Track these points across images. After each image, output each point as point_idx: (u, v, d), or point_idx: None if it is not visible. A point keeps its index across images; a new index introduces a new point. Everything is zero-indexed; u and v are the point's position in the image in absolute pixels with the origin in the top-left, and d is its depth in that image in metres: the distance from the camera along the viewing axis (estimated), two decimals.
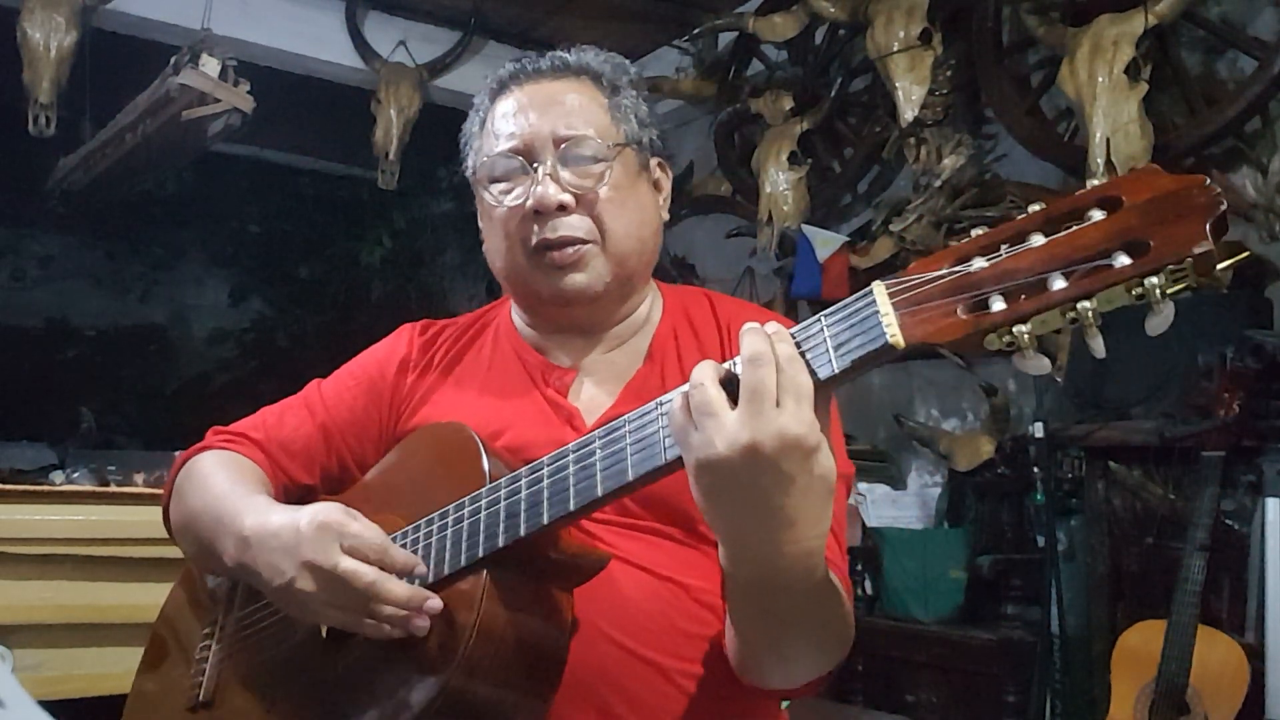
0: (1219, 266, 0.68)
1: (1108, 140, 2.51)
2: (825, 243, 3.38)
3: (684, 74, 4.12)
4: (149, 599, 1.30)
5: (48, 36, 3.33)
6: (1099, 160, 2.51)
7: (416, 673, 0.91)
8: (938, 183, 3.08)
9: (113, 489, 2.49)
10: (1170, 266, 0.66)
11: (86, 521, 2.01)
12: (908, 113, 3.05)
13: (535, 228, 1.09)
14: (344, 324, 6.13)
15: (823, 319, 0.78)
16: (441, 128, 5.01)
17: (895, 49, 3.08)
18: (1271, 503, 2.21)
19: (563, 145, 1.10)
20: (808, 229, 3.43)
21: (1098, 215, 0.70)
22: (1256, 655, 2.11)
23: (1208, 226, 0.66)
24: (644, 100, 1.19)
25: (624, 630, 0.98)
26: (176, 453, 1.23)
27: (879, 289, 0.75)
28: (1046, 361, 0.73)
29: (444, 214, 6.01)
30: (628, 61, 1.21)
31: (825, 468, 0.77)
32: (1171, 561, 2.30)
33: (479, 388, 1.16)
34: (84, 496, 2.13)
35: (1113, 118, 2.52)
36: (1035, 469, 2.65)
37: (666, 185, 1.21)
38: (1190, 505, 2.26)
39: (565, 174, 1.09)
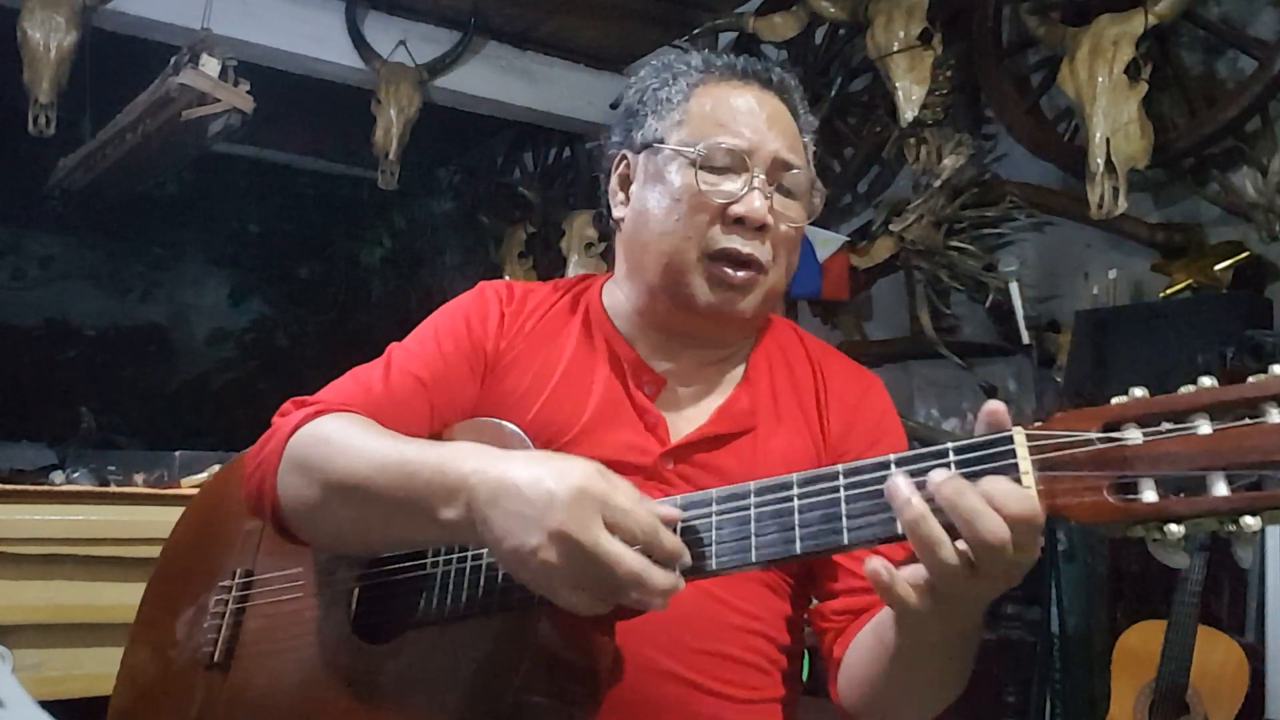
0: (1218, 267, 0.66)
1: (1108, 140, 2.51)
2: (825, 243, 3.38)
3: None
4: None
5: (48, 36, 3.33)
6: (1099, 160, 2.51)
7: (460, 691, 0.89)
8: (938, 183, 3.08)
9: (113, 489, 2.49)
10: None
11: (86, 521, 2.00)
12: (908, 113, 3.05)
13: (723, 233, 1.04)
14: (344, 324, 6.13)
15: (951, 453, 0.73)
16: (441, 128, 5.02)
17: (895, 49, 3.08)
18: None
19: (785, 171, 1.07)
20: (808, 229, 3.42)
21: (1275, 415, 0.62)
22: (1256, 655, 2.11)
23: None
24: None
25: (664, 647, 0.98)
26: (176, 453, 1.20)
27: (1020, 439, 0.70)
28: (1187, 559, 0.68)
29: (444, 214, 6.01)
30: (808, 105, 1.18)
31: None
32: None
33: (565, 371, 1.10)
34: (84, 496, 2.13)
35: (1113, 118, 2.52)
36: None
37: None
38: None
39: (777, 199, 1.06)
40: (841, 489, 0.79)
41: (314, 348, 6.17)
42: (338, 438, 0.98)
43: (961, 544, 0.71)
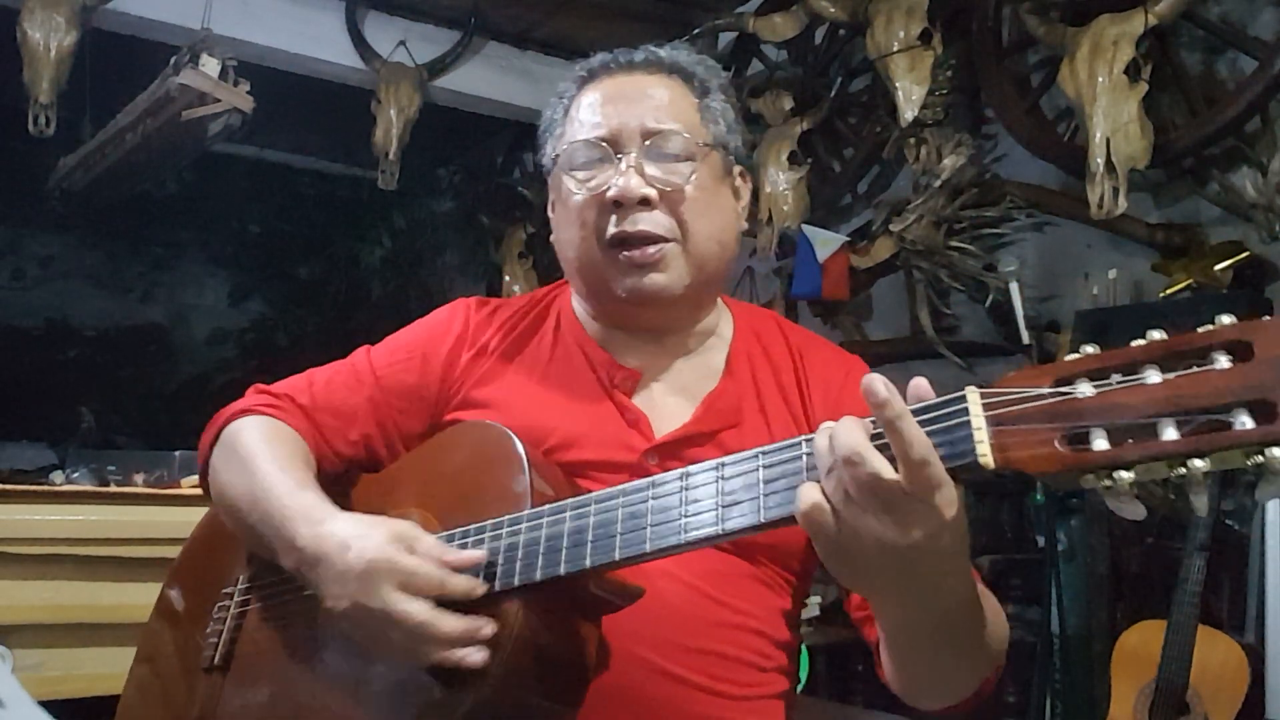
0: (1218, 267, 0.66)
1: (1108, 140, 2.51)
2: (825, 243, 3.38)
3: None
4: (149, 599, 1.29)
5: (48, 36, 3.33)
6: (1099, 160, 2.51)
7: (443, 688, 0.89)
8: (938, 183, 3.08)
9: (113, 489, 2.49)
10: None
11: (86, 521, 2.00)
12: (908, 113, 3.05)
13: (614, 219, 1.06)
14: (344, 324, 6.13)
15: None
16: (441, 128, 5.02)
17: (895, 49, 3.08)
18: (1272, 503, 2.21)
19: (651, 139, 1.07)
20: (808, 229, 3.43)
21: (1224, 361, 0.63)
22: (1256, 655, 2.11)
23: None
24: (732, 107, 1.17)
25: (657, 645, 0.97)
26: (176, 453, 1.21)
27: (973, 398, 0.71)
28: (1143, 509, 0.66)
29: (444, 214, 6.01)
30: (720, 67, 1.19)
31: (947, 526, 0.72)
32: (1171, 561, 2.30)
33: (540, 379, 1.12)
34: (84, 496, 2.13)
35: (1113, 118, 2.52)
36: None
37: (746, 195, 1.18)
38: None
39: (651, 169, 1.06)
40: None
41: (314, 348, 6.14)
42: (242, 447, 1.08)
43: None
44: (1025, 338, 2.67)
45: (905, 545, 0.71)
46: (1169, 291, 2.66)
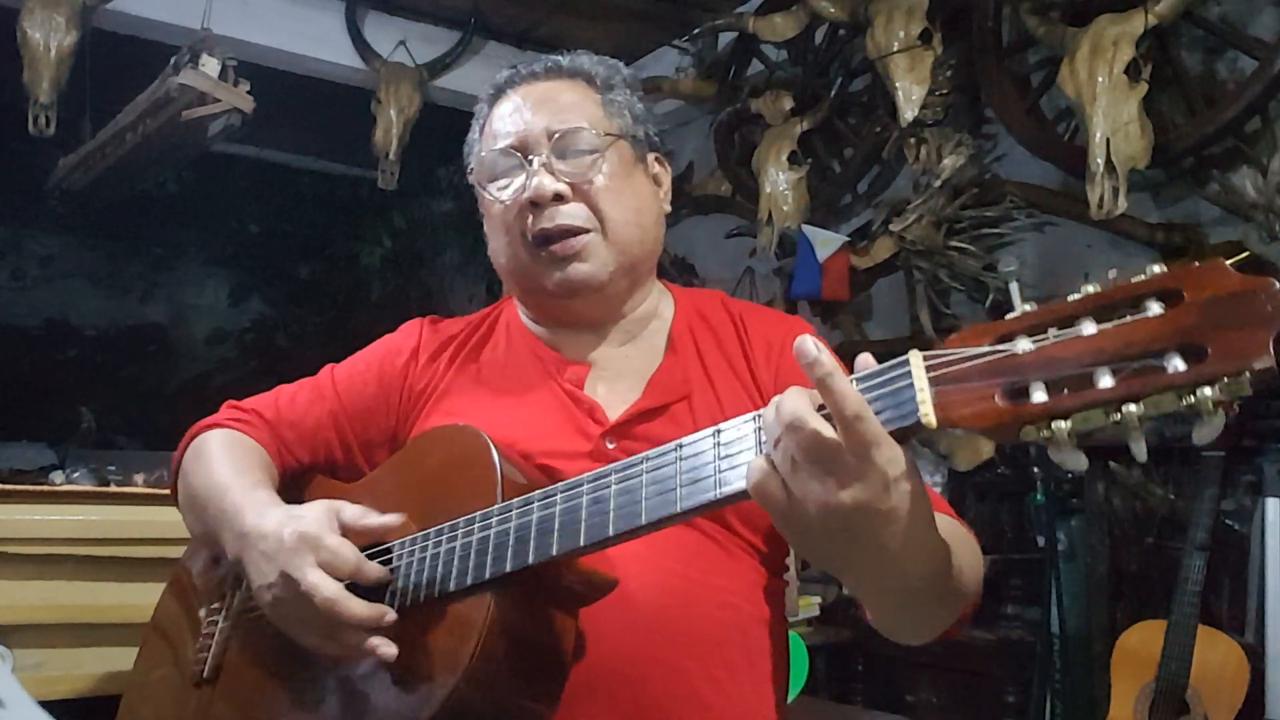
0: None
1: (1108, 140, 2.51)
2: (825, 243, 3.38)
3: (684, 74, 4.12)
4: (149, 599, 1.30)
5: (48, 36, 3.33)
6: (1099, 160, 2.51)
7: (418, 683, 0.90)
8: (938, 183, 3.08)
9: (113, 489, 2.49)
10: (1226, 378, 0.60)
11: (86, 521, 2.00)
12: (908, 113, 3.05)
13: (532, 219, 1.11)
14: (344, 324, 6.13)
15: (854, 383, 0.73)
16: (441, 128, 5.02)
17: (895, 49, 3.08)
18: (1271, 503, 2.21)
19: (556, 137, 1.12)
20: (808, 229, 3.43)
21: (1155, 308, 0.64)
22: (1256, 655, 2.11)
23: (1271, 338, 0.60)
24: (640, 99, 1.22)
25: (641, 632, 0.98)
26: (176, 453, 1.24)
27: (916, 360, 0.72)
28: (1084, 459, 0.67)
29: (444, 214, 6.01)
30: (621, 63, 1.24)
31: (898, 489, 0.72)
32: (1171, 561, 2.30)
33: (496, 384, 1.17)
34: (84, 496, 2.13)
35: (1113, 118, 2.52)
36: (1035, 469, 2.66)
37: (666, 180, 1.23)
38: (1190, 505, 2.26)
39: (560, 165, 1.11)
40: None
41: (314, 348, 6.16)
42: (205, 455, 1.15)
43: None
44: None
45: (850, 506, 0.71)
46: None
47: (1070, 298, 0.68)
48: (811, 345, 0.71)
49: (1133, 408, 0.63)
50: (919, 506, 0.75)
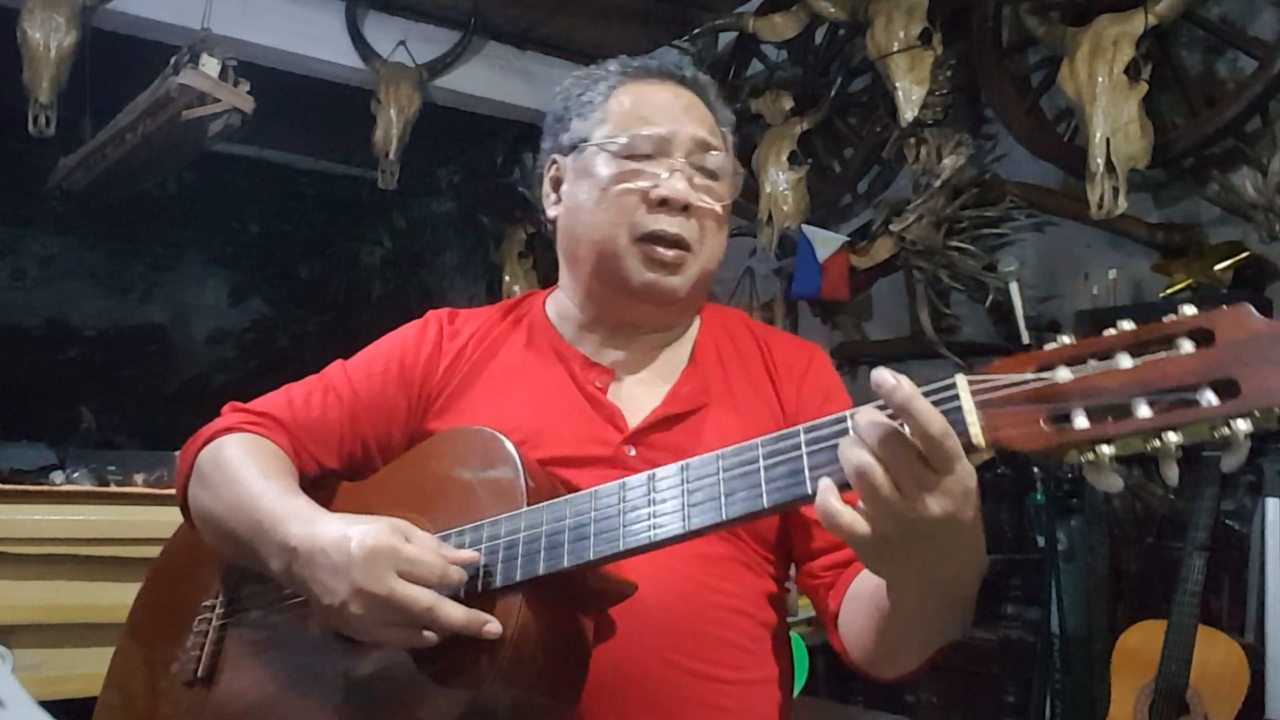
0: (1218, 267, 0.68)
1: (1108, 140, 2.51)
2: (825, 243, 3.38)
3: None
4: None
5: (48, 36, 3.33)
6: (1099, 160, 2.51)
7: (444, 685, 0.90)
8: (938, 183, 3.08)
9: (113, 489, 2.49)
10: (1258, 412, 0.66)
11: (86, 521, 2.00)
12: (908, 113, 3.05)
13: (648, 214, 1.11)
14: (344, 324, 6.13)
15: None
16: (441, 128, 5.02)
17: (895, 49, 3.08)
18: (1271, 503, 2.21)
19: (701, 150, 1.14)
20: (808, 229, 3.43)
21: (1188, 346, 0.69)
22: (1256, 655, 2.11)
23: None
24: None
25: (654, 634, 0.99)
26: (176, 453, 1.20)
27: (962, 383, 0.75)
28: (1120, 480, 0.72)
29: (444, 214, 6.01)
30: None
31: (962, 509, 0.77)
32: (1171, 561, 2.30)
33: (516, 382, 1.16)
34: (84, 496, 2.13)
35: (1113, 118, 2.52)
36: (1035, 469, 2.65)
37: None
38: (1190, 505, 2.25)
39: (696, 179, 1.13)
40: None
41: (314, 348, 6.16)
42: (226, 462, 1.09)
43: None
44: (1025, 338, 2.66)
45: (939, 517, 0.75)
46: (1169, 291, 2.66)
47: (1105, 333, 0.73)
48: (889, 375, 0.74)
49: (1171, 435, 0.68)
50: (979, 516, 0.79)
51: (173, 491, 1.18)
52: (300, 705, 1.01)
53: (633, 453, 1.08)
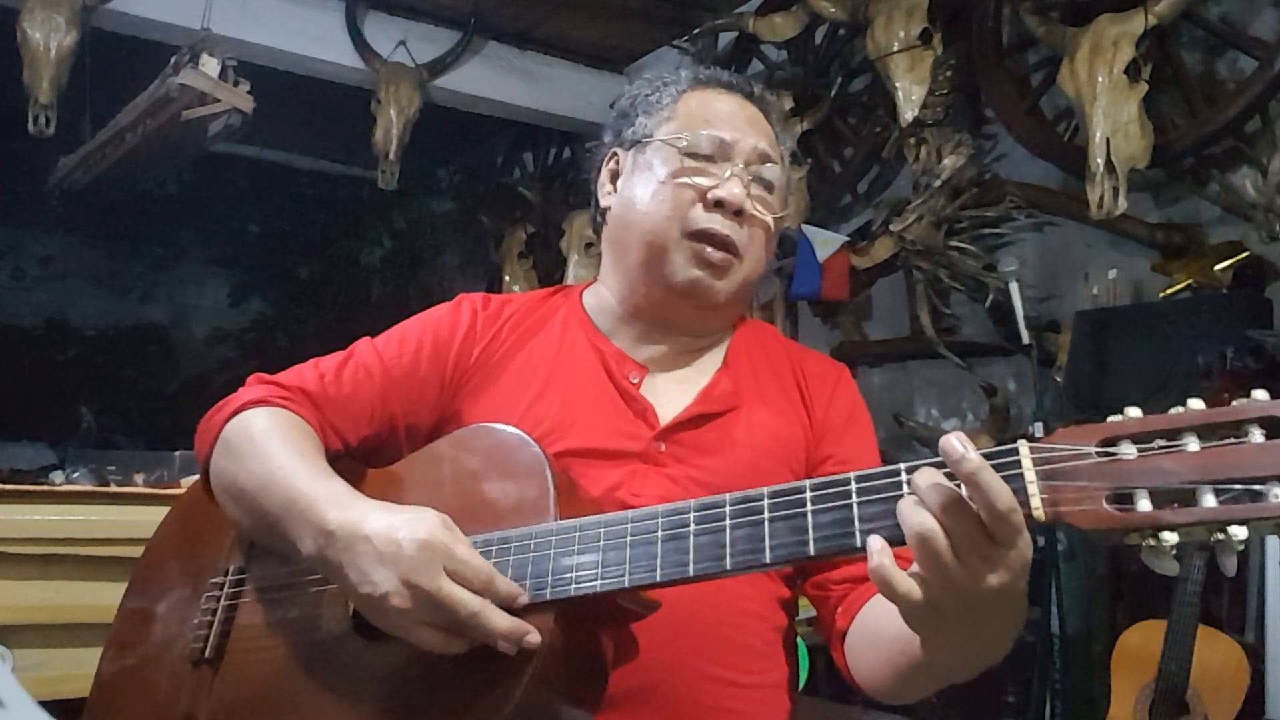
0: (1218, 267, 0.68)
1: (1108, 140, 2.51)
2: (825, 243, 3.38)
3: None
4: None
5: (48, 36, 3.33)
6: (1099, 160, 2.51)
7: (466, 694, 0.89)
8: (938, 183, 3.08)
9: (113, 489, 2.48)
10: None
11: (86, 521, 2.00)
12: (908, 113, 3.05)
13: (703, 212, 1.12)
14: (344, 324, 6.13)
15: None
16: (441, 128, 5.02)
17: (895, 49, 3.08)
18: None
19: (760, 160, 1.15)
20: (808, 229, 3.43)
21: (1258, 435, 0.68)
22: (1256, 655, 2.11)
23: None
24: None
25: (673, 638, 0.99)
26: (176, 453, 1.18)
27: (1025, 450, 0.74)
28: (1178, 565, 0.71)
29: (444, 214, 6.01)
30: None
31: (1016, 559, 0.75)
32: None
33: (549, 370, 1.15)
34: (84, 496, 2.13)
35: (1113, 118, 2.52)
36: None
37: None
38: None
39: (753, 188, 1.14)
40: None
41: (314, 348, 6.12)
42: (256, 435, 1.05)
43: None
44: (1025, 338, 2.66)
45: (996, 590, 0.74)
46: (1169, 291, 2.66)
47: (1173, 411, 0.71)
48: (958, 443, 0.72)
49: (1237, 530, 0.66)
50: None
51: (173, 491, 1.17)
52: (311, 694, 0.98)
53: (663, 449, 1.08)
